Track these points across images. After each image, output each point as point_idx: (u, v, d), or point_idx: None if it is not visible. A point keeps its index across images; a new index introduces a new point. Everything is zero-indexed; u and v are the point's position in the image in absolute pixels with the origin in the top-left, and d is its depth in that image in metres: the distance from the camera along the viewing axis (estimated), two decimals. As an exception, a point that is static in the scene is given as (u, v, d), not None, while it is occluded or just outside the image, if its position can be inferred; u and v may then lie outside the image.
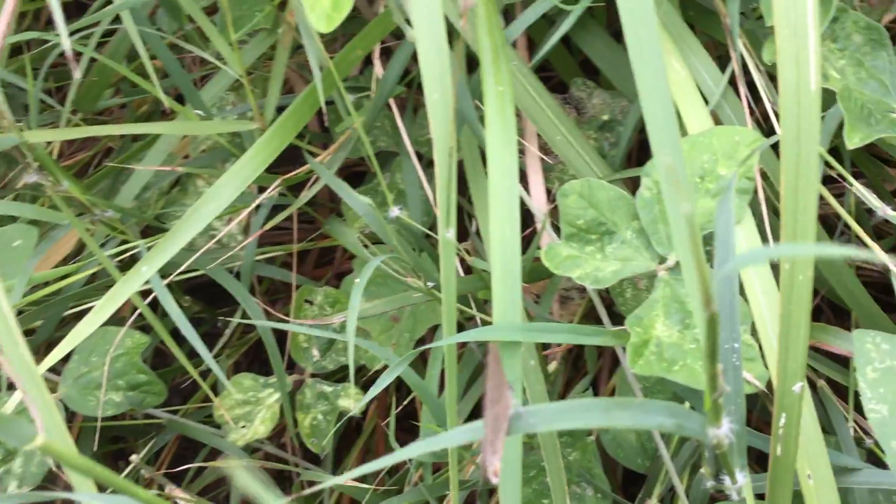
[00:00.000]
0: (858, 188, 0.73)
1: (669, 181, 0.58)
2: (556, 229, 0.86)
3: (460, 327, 0.99)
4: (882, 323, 0.86)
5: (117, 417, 0.98)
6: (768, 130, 0.84)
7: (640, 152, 1.08)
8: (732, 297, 0.59)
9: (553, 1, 0.84)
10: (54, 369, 0.92)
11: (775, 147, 0.77)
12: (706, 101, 0.82)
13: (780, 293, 0.61)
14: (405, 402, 1.04)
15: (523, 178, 0.96)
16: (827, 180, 0.80)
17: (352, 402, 0.99)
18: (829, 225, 1.02)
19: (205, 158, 1.06)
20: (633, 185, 0.85)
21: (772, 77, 0.84)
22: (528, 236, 0.90)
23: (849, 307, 0.87)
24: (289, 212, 0.92)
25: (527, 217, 0.87)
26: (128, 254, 0.89)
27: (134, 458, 0.85)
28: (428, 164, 1.03)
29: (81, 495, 0.50)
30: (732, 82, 0.84)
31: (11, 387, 0.89)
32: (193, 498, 0.89)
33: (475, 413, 1.00)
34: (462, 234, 1.06)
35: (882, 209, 0.71)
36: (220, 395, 0.99)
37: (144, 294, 0.92)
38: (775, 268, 0.75)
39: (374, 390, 0.70)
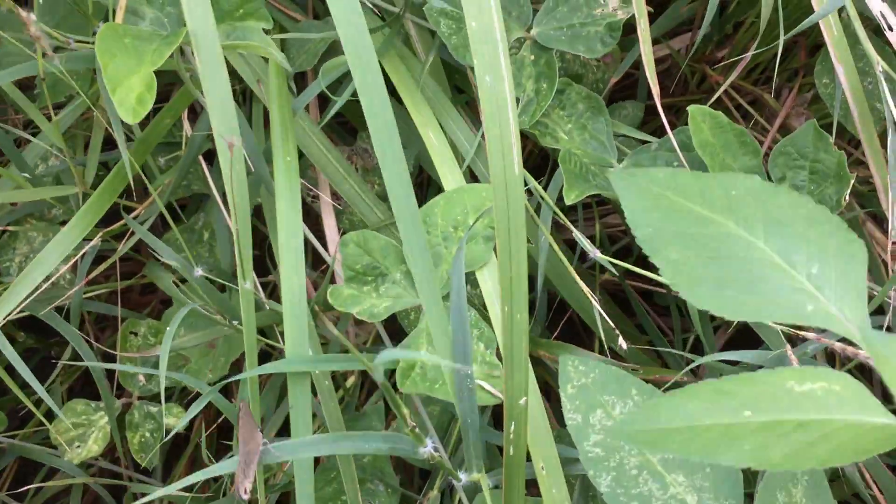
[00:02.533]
0: (577, 235, 0.91)
1: (411, 248, 0.75)
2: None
3: (267, 353, 1.15)
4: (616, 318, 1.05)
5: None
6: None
7: (420, 194, 1.24)
8: (465, 334, 0.76)
9: (341, 70, 1.00)
10: None
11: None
12: (464, 160, 0.99)
13: (501, 331, 0.78)
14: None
15: (319, 222, 1.12)
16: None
17: (175, 419, 1.13)
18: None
19: (30, 206, 1.17)
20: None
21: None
22: (327, 268, 1.06)
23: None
24: (110, 262, 1.05)
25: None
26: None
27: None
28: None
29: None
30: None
31: None
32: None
33: (287, 423, 1.15)
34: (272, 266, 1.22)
35: (593, 252, 0.90)
36: (55, 419, 1.11)
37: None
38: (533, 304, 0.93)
39: (190, 414, 0.84)
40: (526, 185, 0.95)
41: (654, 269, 0.68)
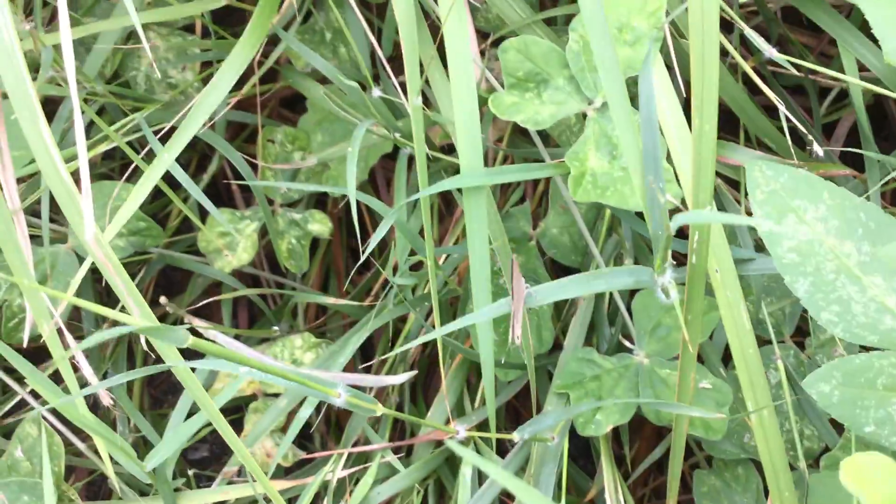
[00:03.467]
0: (751, 34, 0.88)
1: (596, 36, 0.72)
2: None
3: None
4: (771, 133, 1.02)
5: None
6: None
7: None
8: (655, 141, 0.75)
9: None
10: (60, 223, 1.05)
11: None
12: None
13: (692, 143, 0.76)
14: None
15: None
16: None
17: (319, 225, 1.14)
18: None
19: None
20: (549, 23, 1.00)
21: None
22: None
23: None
24: (259, 74, 1.04)
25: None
26: (129, 126, 1.00)
27: (163, 299, 1.00)
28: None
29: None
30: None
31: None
32: (210, 325, 1.04)
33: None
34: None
35: (769, 51, 0.87)
36: (205, 226, 1.12)
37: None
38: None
39: (377, 237, 0.84)
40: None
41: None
